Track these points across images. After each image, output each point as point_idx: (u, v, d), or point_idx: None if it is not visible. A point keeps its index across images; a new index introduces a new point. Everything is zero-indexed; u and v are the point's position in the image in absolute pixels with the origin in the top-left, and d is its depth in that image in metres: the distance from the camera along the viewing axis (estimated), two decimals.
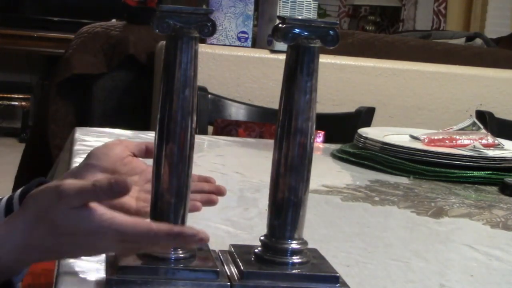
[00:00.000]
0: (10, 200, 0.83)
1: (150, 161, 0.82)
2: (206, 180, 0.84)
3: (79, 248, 0.67)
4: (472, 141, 1.52)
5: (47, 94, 2.49)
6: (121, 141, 0.85)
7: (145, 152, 0.85)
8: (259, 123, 1.91)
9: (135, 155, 0.84)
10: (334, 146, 1.63)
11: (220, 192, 0.84)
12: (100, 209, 0.65)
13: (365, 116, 2.01)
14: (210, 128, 1.96)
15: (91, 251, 0.68)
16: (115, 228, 0.65)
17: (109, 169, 0.80)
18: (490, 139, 1.54)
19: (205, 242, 0.67)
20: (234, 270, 0.74)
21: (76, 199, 0.65)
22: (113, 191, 0.65)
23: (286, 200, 0.75)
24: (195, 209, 0.82)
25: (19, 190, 0.83)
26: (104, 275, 0.71)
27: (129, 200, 0.80)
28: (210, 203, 0.83)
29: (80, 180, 0.67)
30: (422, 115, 2.38)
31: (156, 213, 0.72)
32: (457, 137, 1.53)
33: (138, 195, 0.82)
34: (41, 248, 0.66)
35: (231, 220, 0.98)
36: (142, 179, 0.84)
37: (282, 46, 2.12)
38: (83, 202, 0.65)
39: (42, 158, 2.39)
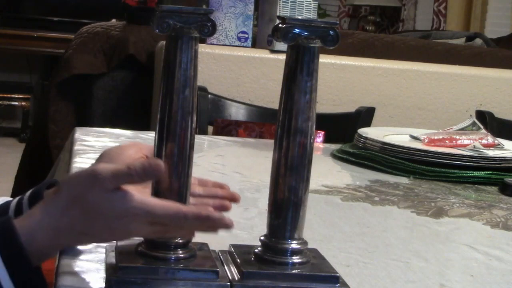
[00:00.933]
0: (20, 201, 0.83)
1: None
2: (221, 186, 0.85)
3: (111, 231, 0.68)
4: (472, 141, 1.52)
5: (47, 94, 2.48)
6: (135, 143, 0.86)
7: None
8: (259, 123, 1.91)
9: (148, 158, 0.85)
10: (334, 146, 1.63)
11: (234, 198, 0.84)
12: (132, 192, 0.67)
13: (365, 116, 2.01)
14: (210, 128, 1.96)
15: (122, 234, 0.69)
16: (146, 209, 0.67)
17: None
18: (490, 139, 1.54)
19: (230, 228, 0.69)
20: (234, 270, 0.74)
21: (111, 182, 0.67)
22: (147, 173, 0.68)
23: (286, 200, 0.75)
24: None
25: (29, 192, 0.84)
26: (104, 275, 0.71)
27: None
28: (223, 209, 0.82)
29: (114, 164, 0.69)
30: (422, 115, 2.38)
31: None
32: (457, 137, 1.53)
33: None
34: (73, 232, 0.68)
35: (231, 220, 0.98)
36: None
37: (282, 46, 2.12)
38: (118, 185, 0.67)
39: (42, 158, 2.39)
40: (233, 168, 1.37)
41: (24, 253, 0.66)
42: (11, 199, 0.86)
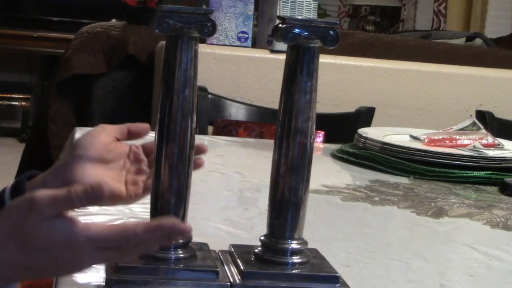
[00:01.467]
0: (2, 193, 0.82)
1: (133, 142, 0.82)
2: None
3: (56, 263, 0.63)
4: (472, 141, 1.52)
5: (47, 94, 2.49)
6: (103, 128, 0.83)
7: (128, 135, 0.83)
8: (259, 123, 1.91)
9: (118, 140, 0.83)
10: (334, 146, 1.63)
11: (201, 150, 0.81)
12: (73, 218, 0.62)
13: (365, 116, 2.01)
14: (210, 128, 1.96)
15: (72, 266, 0.64)
16: (89, 235, 0.61)
17: (96, 158, 0.79)
18: (490, 139, 1.54)
19: (187, 233, 0.64)
20: (234, 270, 0.74)
21: (49, 208, 0.61)
22: (89, 197, 0.62)
23: (286, 200, 0.75)
24: None
25: (11, 183, 0.82)
26: (104, 275, 0.71)
27: (119, 186, 0.80)
28: (196, 167, 0.80)
29: (53, 189, 0.63)
30: (422, 115, 2.38)
31: (156, 213, 0.72)
32: (457, 137, 1.53)
33: (126, 179, 0.82)
34: (14, 266, 0.63)
35: (231, 220, 0.98)
36: (128, 162, 0.83)
37: (282, 46, 2.12)
38: (58, 212, 0.62)
39: (42, 158, 2.39)
40: (233, 168, 1.37)
41: None
42: None
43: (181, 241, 0.72)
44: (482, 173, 1.40)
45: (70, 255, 0.62)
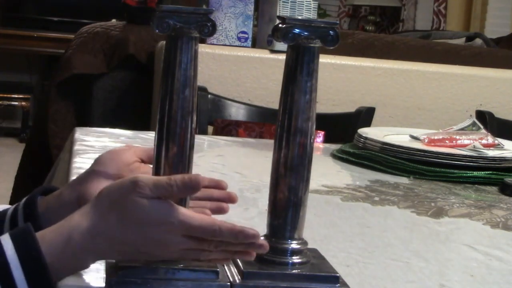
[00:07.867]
0: (16, 208, 0.82)
1: None
2: (217, 184, 0.82)
3: (146, 239, 0.66)
4: (472, 141, 1.52)
5: (47, 94, 2.48)
6: (129, 147, 0.84)
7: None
8: (259, 123, 1.91)
9: (143, 161, 0.84)
10: (334, 146, 1.63)
11: (231, 199, 0.82)
12: (170, 202, 0.67)
13: (365, 116, 2.01)
14: (210, 128, 1.96)
15: (157, 244, 0.67)
16: (182, 219, 0.66)
17: (114, 175, 0.80)
18: (490, 139, 1.54)
19: (264, 250, 0.69)
20: (234, 270, 0.74)
21: (151, 190, 0.66)
22: (186, 187, 0.67)
23: (286, 200, 0.75)
24: None
25: (24, 199, 0.83)
26: (104, 275, 0.71)
27: None
28: (220, 211, 0.81)
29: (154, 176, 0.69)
30: (422, 115, 2.37)
31: None
32: (457, 137, 1.53)
33: None
34: (108, 237, 0.67)
35: (231, 220, 0.98)
36: None
37: (282, 46, 2.12)
38: (157, 195, 0.67)
39: (42, 158, 2.39)
40: (233, 168, 1.37)
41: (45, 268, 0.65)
42: (9, 206, 0.85)
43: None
44: (482, 173, 1.40)
45: (159, 234, 0.66)
